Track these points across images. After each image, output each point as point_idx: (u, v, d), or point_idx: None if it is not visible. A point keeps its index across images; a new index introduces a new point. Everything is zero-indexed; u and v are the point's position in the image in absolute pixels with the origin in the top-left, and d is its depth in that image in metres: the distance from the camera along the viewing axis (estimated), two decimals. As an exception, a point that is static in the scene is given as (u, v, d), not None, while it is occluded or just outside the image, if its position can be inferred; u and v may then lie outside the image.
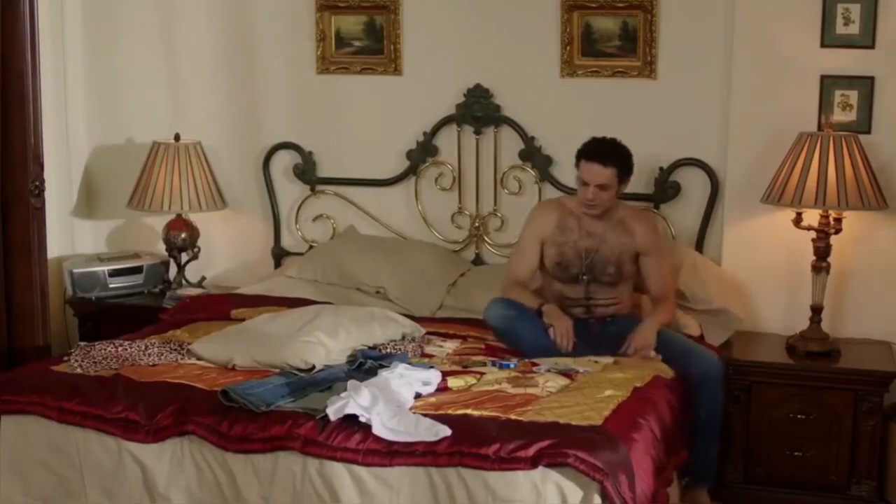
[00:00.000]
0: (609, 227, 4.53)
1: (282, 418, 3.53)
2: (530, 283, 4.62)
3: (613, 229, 4.53)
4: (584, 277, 4.51)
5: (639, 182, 4.93)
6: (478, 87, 5.28)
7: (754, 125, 4.84)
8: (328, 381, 3.80)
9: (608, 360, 4.26)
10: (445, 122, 5.35)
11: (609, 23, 5.08)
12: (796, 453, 4.55)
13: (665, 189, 5.07)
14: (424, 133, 5.37)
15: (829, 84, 4.73)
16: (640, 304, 4.69)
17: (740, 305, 4.91)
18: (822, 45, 4.72)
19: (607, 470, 3.24)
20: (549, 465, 3.28)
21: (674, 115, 5.05)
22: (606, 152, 4.43)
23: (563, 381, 3.94)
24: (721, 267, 4.99)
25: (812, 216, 4.61)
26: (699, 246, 5.06)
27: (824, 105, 4.73)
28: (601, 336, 4.47)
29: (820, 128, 4.66)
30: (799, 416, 4.53)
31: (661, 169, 5.05)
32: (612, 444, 3.36)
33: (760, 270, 4.92)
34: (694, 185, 5.06)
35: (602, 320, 4.56)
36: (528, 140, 5.23)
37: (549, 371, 4.05)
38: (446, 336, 4.55)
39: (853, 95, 4.71)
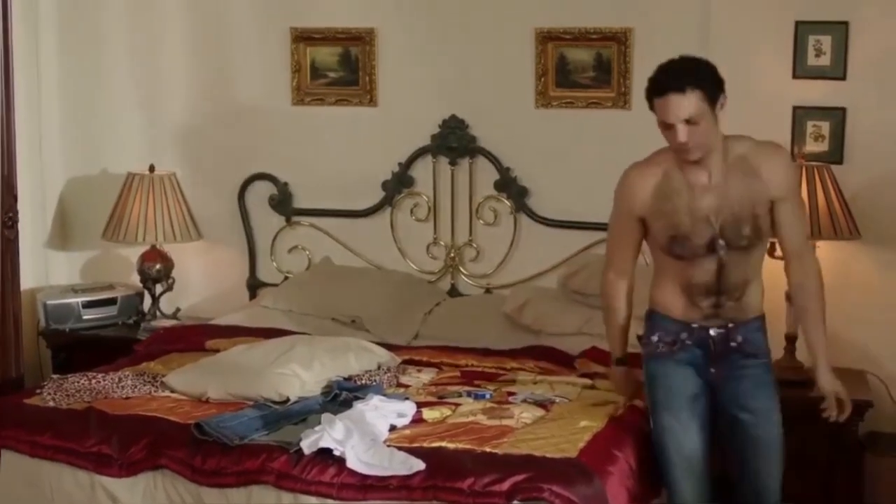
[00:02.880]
0: (728, 170, 3.55)
1: (256, 452, 3.51)
2: (628, 279, 3.84)
3: (734, 172, 3.54)
4: (721, 243, 3.54)
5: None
6: (453, 117, 5.29)
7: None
8: (303, 414, 3.78)
9: (587, 382, 4.25)
10: (421, 152, 5.36)
11: (583, 54, 5.10)
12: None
13: (640, 219, 5.07)
14: (400, 164, 5.37)
15: (801, 115, 4.76)
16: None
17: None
18: (794, 76, 4.75)
19: None
20: (524, 500, 3.27)
21: (648, 145, 4.94)
22: (681, 75, 3.44)
23: (539, 412, 3.93)
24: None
25: (786, 246, 4.62)
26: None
27: (797, 136, 4.76)
28: (724, 361, 3.68)
29: (793, 158, 4.68)
30: (774, 446, 4.53)
31: (635, 199, 5.06)
32: (586, 478, 3.35)
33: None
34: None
35: (729, 337, 3.65)
36: (503, 171, 5.24)
37: (524, 401, 4.04)
38: (421, 364, 4.54)
39: (825, 126, 4.74)
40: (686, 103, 3.40)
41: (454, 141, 5.30)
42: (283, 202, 5.56)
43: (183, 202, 5.46)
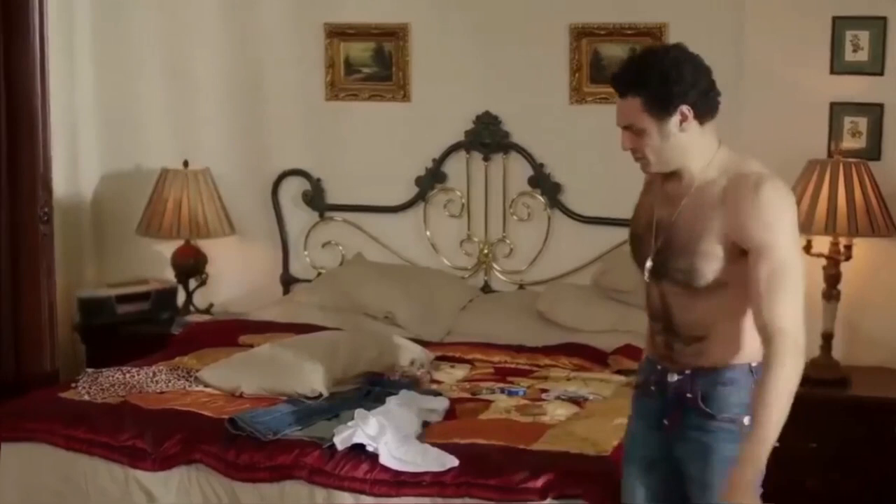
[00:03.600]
0: (695, 191, 2.81)
1: (289, 447, 3.52)
2: None
3: (699, 196, 2.80)
4: (649, 265, 2.88)
5: (648, 209, 4.93)
6: (486, 113, 5.28)
7: (763, 152, 4.71)
8: (336, 410, 3.79)
9: (621, 379, 4.23)
10: (454, 148, 5.34)
11: (618, 49, 5.07)
12: (806, 483, 4.52)
13: (674, 216, 5.05)
14: (433, 159, 5.36)
15: (838, 111, 4.71)
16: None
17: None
18: (832, 72, 4.70)
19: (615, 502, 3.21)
20: (558, 497, 3.25)
21: None
22: (626, 76, 2.80)
23: (573, 409, 3.92)
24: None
25: (822, 243, 4.58)
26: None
27: (834, 132, 4.71)
28: (678, 415, 2.88)
29: (830, 155, 4.64)
30: (811, 445, 4.50)
31: (670, 196, 5.03)
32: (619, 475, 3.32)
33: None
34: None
35: (684, 387, 2.86)
36: (536, 167, 5.23)
37: (558, 398, 4.03)
38: (454, 360, 4.53)
39: (862, 122, 4.69)
40: (624, 110, 2.81)
41: (487, 137, 5.28)
42: (316, 198, 5.56)
43: (217, 197, 5.48)
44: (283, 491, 3.47)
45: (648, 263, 2.87)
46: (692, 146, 2.80)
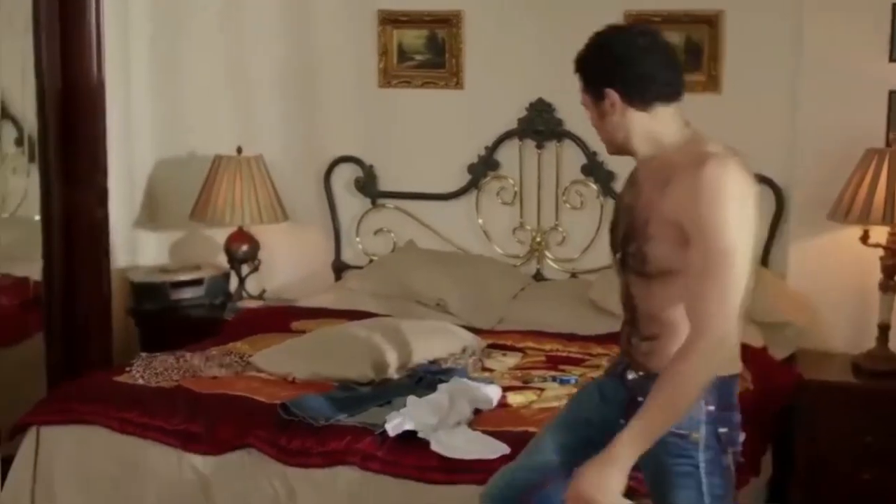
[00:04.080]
0: (650, 175, 2.75)
1: (341, 433, 3.53)
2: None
3: (651, 178, 2.73)
4: (618, 256, 2.81)
5: (702, 198, 4.90)
6: (540, 101, 5.26)
7: (821, 141, 4.77)
8: (387, 396, 3.79)
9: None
10: (507, 136, 5.33)
11: (673, 36, 4.99)
12: (862, 475, 4.47)
13: (729, 205, 5.00)
14: (486, 147, 5.35)
15: (897, 99, 4.66)
16: None
17: (806, 322, 4.83)
18: (891, 59, 4.64)
19: None
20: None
21: (738, 130, 4.93)
22: (579, 55, 2.86)
23: (625, 398, 3.89)
24: (786, 283, 4.93)
25: (880, 233, 4.53)
26: (764, 261, 4.99)
27: (892, 120, 4.64)
28: (628, 408, 2.72)
29: (888, 143, 4.58)
30: (867, 438, 4.45)
31: (725, 184, 4.99)
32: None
33: (826, 288, 4.84)
34: (758, 201, 4.97)
35: (637, 389, 2.74)
36: (590, 155, 5.20)
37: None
38: (506, 348, 4.52)
39: (921, 110, 4.63)
40: (580, 88, 2.83)
41: (541, 124, 5.26)
42: (368, 185, 5.56)
43: (270, 184, 5.49)
44: (336, 477, 3.47)
45: (617, 255, 2.81)
46: (635, 129, 2.75)
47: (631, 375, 2.81)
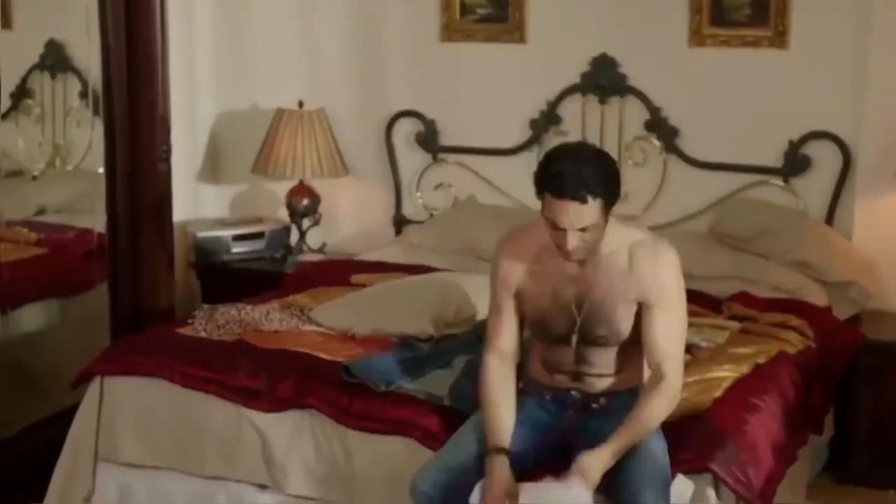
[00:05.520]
0: (599, 263, 3.16)
1: (402, 402, 3.51)
2: (510, 361, 3.31)
3: (606, 267, 3.16)
4: (574, 338, 3.21)
5: (768, 156, 4.84)
6: (603, 56, 5.20)
7: (890, 97, 4.69)
8: (448, 356, 3.75)
9: (735, 325, 4.16)
10: (570, 91, 5.28)
11: (739, -9, 4.97)
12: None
13: (795, 163, 4.94)
14: (548, 102, 5.31)
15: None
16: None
17: (871, 282, 4.77)
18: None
19: (718, 465, 3.18)
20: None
21: (805, 86, 4.91)
22: (584, 182, 2.98)
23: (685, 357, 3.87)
24: (851, 242, 4.86)
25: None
26: (829, 220, 4.93)
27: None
28: (576, 433, 3.23)
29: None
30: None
31: (790, 142, 4.93)
32: (717, 438, 3.28)
33: (893, 247, 4.78)
34: (825, 158, 4.92)
35: (590, 400, 3.26)
36: (653, 110, 5.14)
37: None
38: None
39: None
40: (585, 213, 2.99)
41: (604, 79, 5.21)
42: (429, 139, 5.54)
43: (331, 138, 5.49)
44: (394, 445, 3.46)
45: (575, 337, 3.18)
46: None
47: (577, 393, 3.27)
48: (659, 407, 3.11)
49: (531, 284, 3.22)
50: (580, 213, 2.99)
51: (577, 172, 2.97)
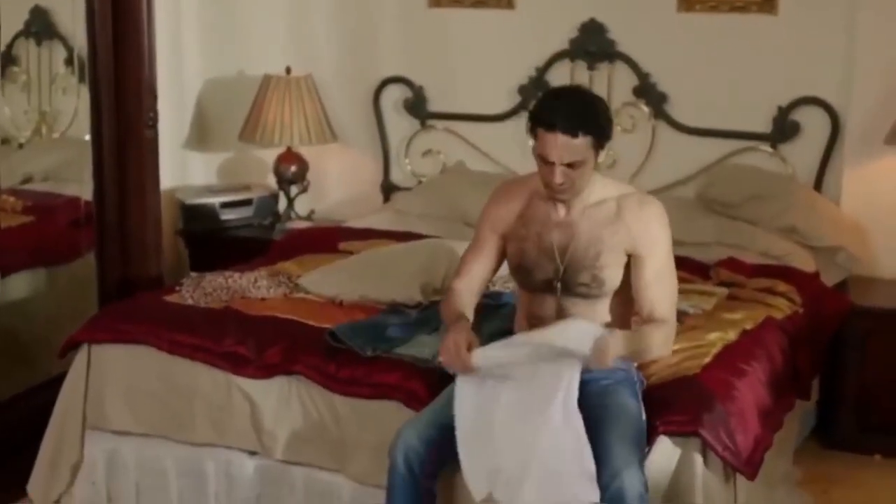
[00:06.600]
0: (585, 211, 3.23)
1: (389, 367, 3.51)
2: (475, 293, 3.42)
3: (592, 215, 3.23)
4: (558, 285, 3.25)
5: (757, 122, 4.83)
6: (592, 21, 5.19)
7: (879, 64, 4.69)
8: (436, 322, 3.74)
9: (723, 290, 4.17)
10: (558, 57, 5.27)
11: (730, -44, 4.94)
12: None
13: (783, 128, 4.94)
14: (537, 68, 5.30)
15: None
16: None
17: (858, 247, 4.78)
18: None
19: (706, 430, 3.19)
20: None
21: (794, 52, 4.91)
22: (575, 116, 3.08)
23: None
24: (839, 208, 4.86)
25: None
26: (818, 186, 4.93)
27: (955, 42, 4.56)
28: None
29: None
30: None
31: (779, 108, 4.92)
32: (707, 401, 3.28)
33: (881, 213, 4.79)
34: (813, 124, 4.91)
35: None
36: (642, 76, 5.14)
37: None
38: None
39: None
40: (574, 148, 3.07)
41: (593, 45, 5.20)
42: (417, 105, 5.53)
43: (319, 104, 5.47)
44: (382, 410, 3.46)
45: (558, 284, 3.21)
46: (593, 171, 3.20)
47: None
48: (655, 334, 3.17)
49: (518, 227, 3.30)
50: (570, 147, 3.06)
51: (569, 108, 3.09)
